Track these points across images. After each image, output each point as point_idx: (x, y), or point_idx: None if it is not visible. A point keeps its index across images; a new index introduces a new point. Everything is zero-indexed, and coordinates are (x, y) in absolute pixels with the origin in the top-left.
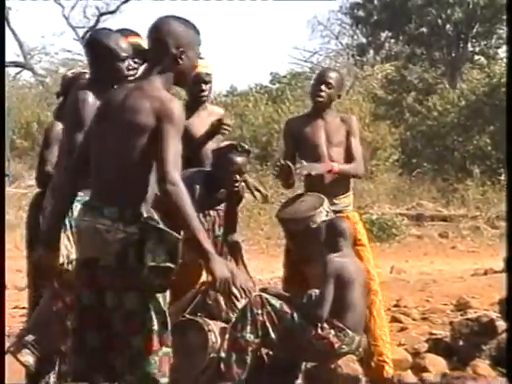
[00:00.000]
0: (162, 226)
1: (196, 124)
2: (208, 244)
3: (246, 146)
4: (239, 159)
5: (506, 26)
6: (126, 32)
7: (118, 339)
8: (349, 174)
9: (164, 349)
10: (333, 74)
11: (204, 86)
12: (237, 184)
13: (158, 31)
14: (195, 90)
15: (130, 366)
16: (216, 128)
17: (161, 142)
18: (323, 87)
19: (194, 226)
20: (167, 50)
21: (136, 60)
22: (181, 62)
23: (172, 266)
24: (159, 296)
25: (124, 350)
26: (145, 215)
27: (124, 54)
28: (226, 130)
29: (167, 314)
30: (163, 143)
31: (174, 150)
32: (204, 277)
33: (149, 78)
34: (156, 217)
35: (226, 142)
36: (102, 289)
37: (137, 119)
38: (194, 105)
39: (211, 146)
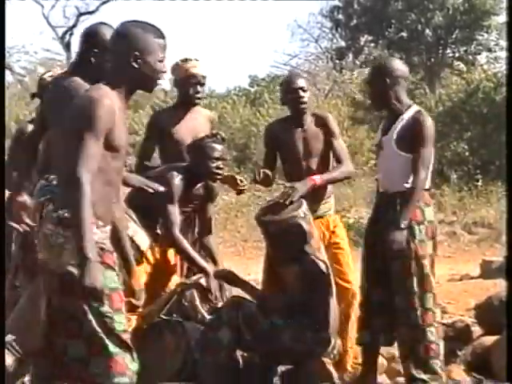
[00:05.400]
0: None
1: (184, 126)
2: (90, 251)
3: (224, 135)
4: (220, 146)
5: (506, 25)
6: None
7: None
8: (338, 179)
9: (111, 350)
10: (301, 79)
11: (200, 88)
12: (220, 171)
13: (116, 35)
14: (192, 91)
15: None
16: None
17: (75, 140)
18: (302, 93)
19: (80, 227)
20: (124, 54)
21: None
22: (137, 66)
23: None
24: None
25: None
26: None
27: None
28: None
29: (112, 317)
30: (76, 141)
31: (85, 148)
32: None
33: (104, 81)
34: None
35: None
36: (50, 293)
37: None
38: (185, 106)
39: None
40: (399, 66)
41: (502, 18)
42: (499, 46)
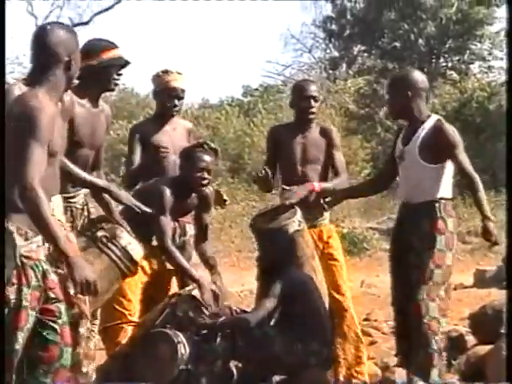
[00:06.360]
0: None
1: (162, 138)
2: (67, 247)
3: (213, 145)
4: (206, 157)
5: (506, 25)
6: (109, 45)
7: None
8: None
9: None
10: (315, 87)
11: (177, 102)
12: (205, 182)
13: (48, 40)
14: (169, 103)
15: None
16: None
17: (20, 148)
18: (313, 102)
19: (50, 230)
20: (59, 58)
21: (119, 72)
22: (71, 68)
23: None
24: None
25: None
26: (11, 227)
27: None
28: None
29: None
30: (22, 149)
31: (32, 156)
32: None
33: (34, 86)
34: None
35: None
36: None
37: (8, 129)
38: (163, 118)
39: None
40: (421, 77)
41: (495, 27)
42: (492, 56)
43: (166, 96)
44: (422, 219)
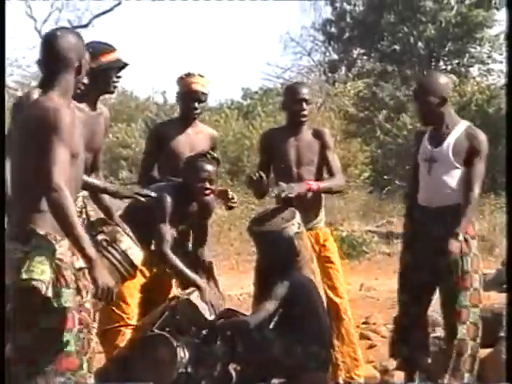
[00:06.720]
0: (55, 242)
1: (183, 140)
2: (91, 251)
3: (215, 155)
4: (208, 167)
5: (505, 35)
6: (107, 48)
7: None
8: (331, 190)
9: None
10: (307, 90)
11: (198, 104)
12: (207, 192)
13: (58, 45)
14: (190, 106)
15: None
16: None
17: (44, 150)
18: (305, 105)
19: (76, 232)
20: (70, 63)
21: (118, 75)
22: (81, 73)
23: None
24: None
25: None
26: (40, 231)
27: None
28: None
29: (58, 335)
30: (46, 151)
31: (57, 157)
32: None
33: (48, 90)
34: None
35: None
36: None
37: (26, 133)
38: (184, 121)
39: None
40: (447, 80)
41: (495, 30)
42: (492, 59)
43: (188, 98)
44: (453, 223)
